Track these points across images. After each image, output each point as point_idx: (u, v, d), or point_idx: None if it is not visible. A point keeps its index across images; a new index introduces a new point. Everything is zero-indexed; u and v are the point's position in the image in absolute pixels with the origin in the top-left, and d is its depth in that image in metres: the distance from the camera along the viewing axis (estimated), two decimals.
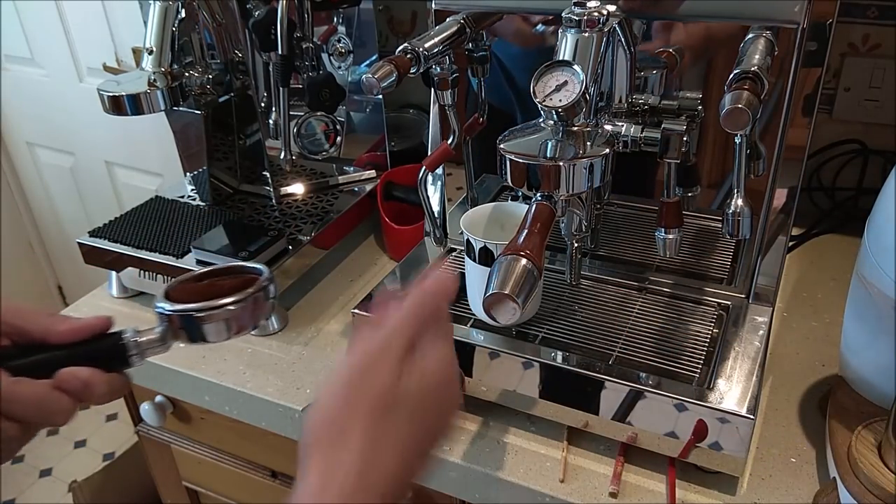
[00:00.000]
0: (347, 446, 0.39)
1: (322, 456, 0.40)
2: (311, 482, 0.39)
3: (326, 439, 0.40)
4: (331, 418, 0.41)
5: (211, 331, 0.48)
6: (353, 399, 0.41)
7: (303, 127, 1.04)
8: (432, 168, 0.79)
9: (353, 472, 0.39)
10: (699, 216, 0.78)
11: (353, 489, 0.38)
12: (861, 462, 0.60)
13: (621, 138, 0.64)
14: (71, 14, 1.63)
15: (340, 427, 0.40)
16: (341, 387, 0.42)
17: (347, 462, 0.39)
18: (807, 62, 0.66)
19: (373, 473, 0.39)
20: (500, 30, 0.78)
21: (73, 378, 0.45)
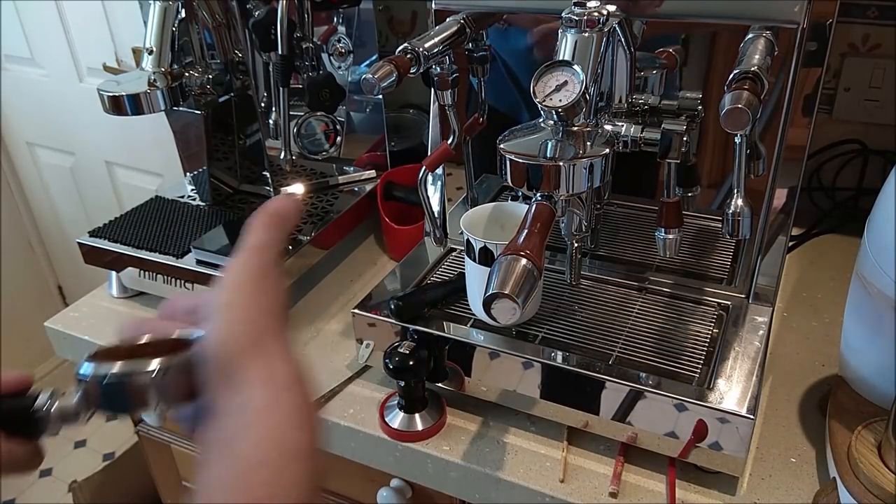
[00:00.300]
0: (274, 345, 0.38)
1: (257, 363, 0.37)
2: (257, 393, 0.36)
3: (252, 346, 0.37)
4: (246, 326, 0.38)
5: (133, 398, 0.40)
6: (258, 304, 0.39)
7: (303, 127, 1.04)
8: (432, 168, 0.79)
9: (285, 364, 0.38)
10: (699, 216, 0.78)
11: (299, 390, 0.37)
12: (861, 462, 0.60)
13: (621, 138, 0.64)
14: (71, 14, 1.63)
15: (258, 331, 0.38)
16: (241, 296, 0.39)
17: (279, 360, 0.37)
18: (807, 62, 0.66)
19: (297, 366, 0.38)
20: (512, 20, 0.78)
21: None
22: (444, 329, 0.75)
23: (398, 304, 0.76)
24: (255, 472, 0.33)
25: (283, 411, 0.36)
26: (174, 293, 0.94)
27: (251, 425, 0.35)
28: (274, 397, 0.36)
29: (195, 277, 0.91)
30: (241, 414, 0.35)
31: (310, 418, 0.36)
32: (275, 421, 0.35)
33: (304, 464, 0.35)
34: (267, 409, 0.35)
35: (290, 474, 0.34)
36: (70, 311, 1.00)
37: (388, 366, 0.72)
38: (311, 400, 0.37)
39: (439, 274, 0.87)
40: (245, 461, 0.34)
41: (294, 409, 0.36)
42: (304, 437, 0.35)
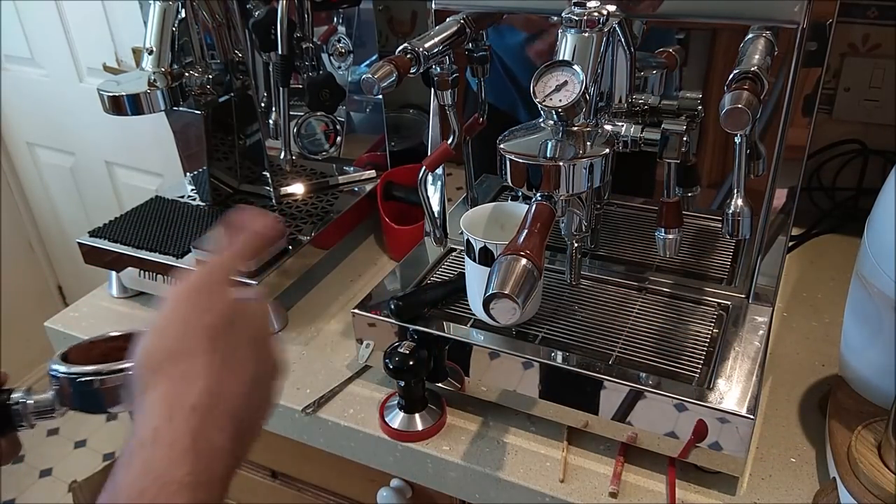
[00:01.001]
0: (192, 368, 0.37)
1: (165, 383, 0.36)
2: (156, 408, 0.35)
3: (168, 365, 0.37)
4: (168, 346, 0.37)
5: (106, 398, 0.42)
6: (191, 324, 0.38)
7: (303, 127, 1.04)
8: (432, 168, 0.79)
9: (202, 392, 0.36)
10: (699, 216, 0.78)
11: (203, 412, 0.36)
12: (861, 462, 0.60)
13: (621, 138, 0.64)
14: (71, 14, 1.63)
15: (182, 352, 0.37)
16: (175, 316, 0.39)
17: (196, 383, 0.36)
18: (807, 62, 0.66)
19: (222, 395, 0.37)
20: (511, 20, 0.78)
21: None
22: (444, 329, 0.75)
23: (398, 304, 0.76)
24: (126, 497, 0.33)
25: (167, 442, 0.34)
26: None
27: (135, 454, 0.34)
28: (161, 426, 0.35)
29: None
30: (134, 438, 0.35)
31: (199, 447, 0.35)
32: (157, 454, 0.34)
33: (187, 495, 0.34)
34: (150, 441, 0.34)
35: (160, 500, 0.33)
36: (70, 311, 1.00)
37: (388, 366, 0.72)
38: (216, 416, 0.36)
39: (439, 274, 0.87)
40: (118, 490, 0.33)
41: (181, 438, 0.35)
42: (187, 470, 0.34)
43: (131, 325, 0.56)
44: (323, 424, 0.78)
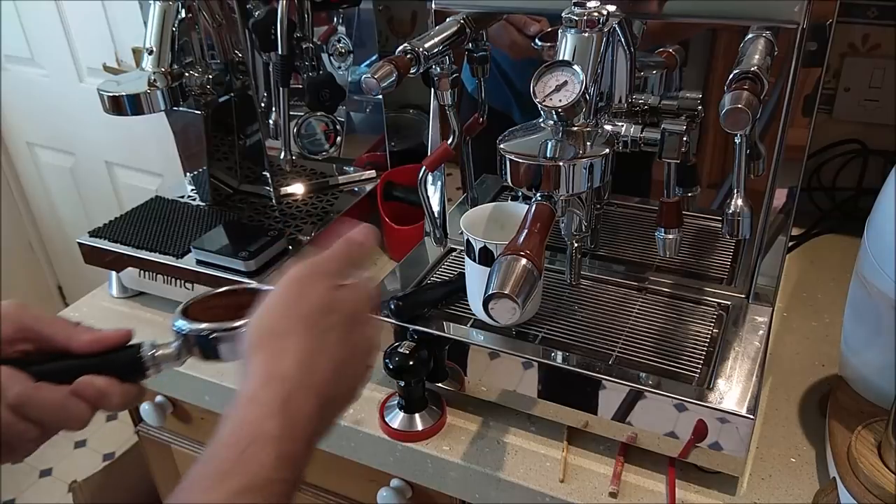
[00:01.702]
0: (288, 346, 0.43)
1: (265, 355, 0.43)
2: (256, 375, 0.42)
3: (268, 341, 0.44)
4: (271, 325, 0.45)
5: (224, 350, 0.50)
6: (292, 309, 0.45)
7: (303, 127, 1.04)
8: (432, 168, 0.79)
9: (293, 366, 0.43)
10: (699, 216, 0.78)
11: (293, 383, 0.42)
12: (861, 462, 0.60)
13: (621, 138, 0.64)
14: (71, 14, 1.63)
15: (281, 331, 0.44)
16: (279, 300, 0.46)
17: (289, 357, 0.43)
18: (807, 62, 0.66)
19: (311, 371, 0.43)
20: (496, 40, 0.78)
21: (90, 386, 0.47)
22: (444, 329, 0.75)
23: (398, 304, 0.76)
24: (224, 451, 0.40)
25: (260, 402, 0.41)
26: (174, 293, 0.94)
27: (234, 411, 0.41)
28: (257, 390, 0.42)
29: (195, 277, 0.91)
30: (236, 399, 0.42)
31: (289, 408, 0.41)
32: (251, 411, 0.41)
33: (274, 446, 0.40)
34: (247, 401, 0.41)
35: (253, 454, 0.39)
36: (70, 311, 1.00)
37: (388, 366, 0.72)
38: (301, 393, 0.42)
39: (439, 274, 0.87)
40: (220, 443, 0.40)
41: (272, 400, 0.41)
42: (277, 424, 0.40)
43: (135, 323, 0.57)
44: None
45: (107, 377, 0.48)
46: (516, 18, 0.76)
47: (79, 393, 0.47)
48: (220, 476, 0.39)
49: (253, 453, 0.39)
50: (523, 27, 0.76)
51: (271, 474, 0.39)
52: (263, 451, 0.40)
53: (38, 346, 0.49)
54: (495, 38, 0.78)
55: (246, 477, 0.39)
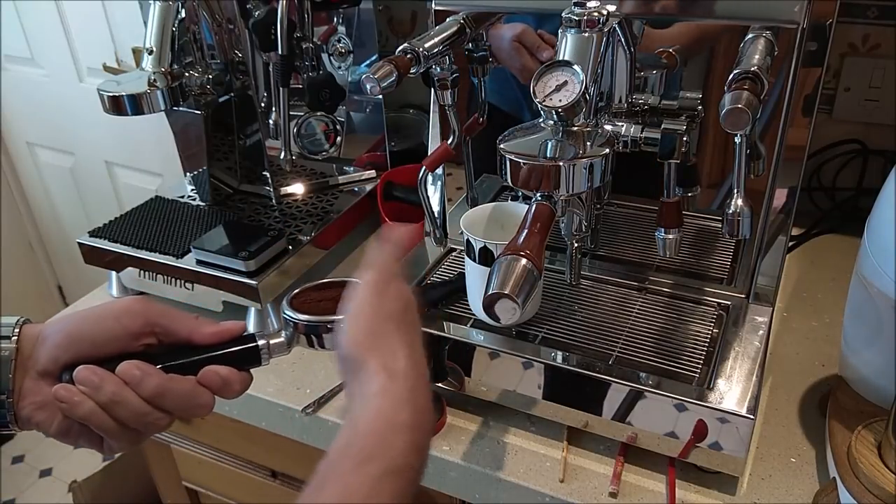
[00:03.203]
0: (394, 343, 0.47)
1: (378, 354, 0.47)
2: (378, 372, 0.46)
3: (374, 342, 0.47)
4: (368, 327, 0.48)
5: (328, 340, 0.54)
6: (378, 310, 0.49)
7: (303, 127, 1.04)
8: (432, 168, 0.79)
9: (407, 361, 0.47)
10: (699, 216, 0.78)
11: (413, 377, 0.46)
12: (861, 462, 0.60)
13: (621, 138, 0.64)
14: (71, 14, 1.63)
15: (379, 332, 0.48)
16: (363, 305, 0.50)
17: (400, 354, 0.47)
18: (807, 62, 0.66)
19: (418, 363, 0.47)
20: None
21: (214, 375, 0.51)
22: (444, 329, 0.75)
23: None
24: (364, 438, 0.43)
25: (392, 395, 0.45)
26: (174, 293, 0.94)
27: (367, 405, 0.45)
28: (387, 384, 0.45)
29: (195, 277, 0.91)
30: (362, 397, 0.45)
31: (415, 400, 0.45)
32: (385, 402, 0.44)
33: (407, 434, 0.43)
34: (380, 393, 0.45)
35: (392, 441, 0.43)
36: (70, 311, 1.00)
37: None
38: (419, 385, 0.46)
39: (439, 274, 0.87)
40: (359, 431, 0.44)
41: (402, 393, 0.45)
42: (409, 414, 0.44)
43: None
44: (323, 424, 0.78)
45: (228, 367, 0.52)
46: (529, 41, 0.76)
47: (204, 382, 0.51)
48: (365, 459, 0.42)
49: (392, 440, 0.43)
50: (536, 51, 0.76)
51: (406, 460, 0.43)
52: (400, 439, 0.43)
53: (161, 339, 0.53)
54: (506, 60, 0.79)
55: (385, 461, 0.42)
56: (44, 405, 0.50)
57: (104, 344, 0.50)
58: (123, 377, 0.49)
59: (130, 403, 0.49)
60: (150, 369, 0.50)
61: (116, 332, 0.51)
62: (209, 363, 0.52)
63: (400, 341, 0.48)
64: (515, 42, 0.77)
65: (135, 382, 0.49)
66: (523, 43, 0.77)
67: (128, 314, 0.51)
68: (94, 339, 0.50)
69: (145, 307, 0.52)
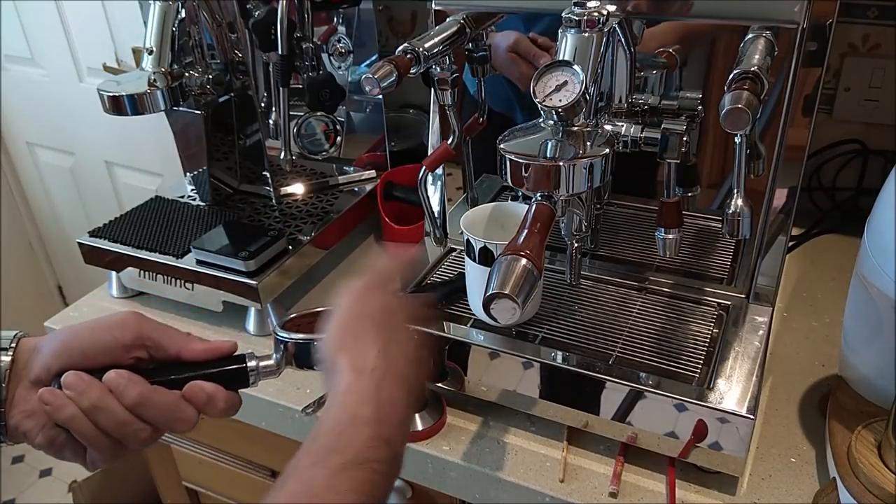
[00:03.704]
0: (367, 343, 0.49)
1: (350, 353, 0.48)
2: (347, 370, 0.47)
3: (349, 342, 0.49)
4: (346, 329, 0.50)
5: (316, 358, 0.54)
6: (361, 313, 0.51)
7: (303, 127, 1.04)
8: (432, 168, 0.79)
9: (377, 358, 0.48)
10: (699, 216, 0.78)
11: (380, 373, 0.47)
12: (861, 462, 0.60)
13: (621, 138, 0.64)
14: (71, 14, 1.63)
15: (357, 332, 0.50)
16: (347, 309, 0.52)
17: (371, 352, 0.48)
18: (807, 62, 0.66)
19: (391, 360, 0.48)
20: None
21: (200, 391, 0.52)
22: (444, 329, 0.75)
23: None
24: (324, 434, 0.45)
25: (356, 391, 0.46)
26: (174, 293, 0.94)
27: (334, 402, 0.47)
28: (352, 382, 0.47)
29: (195, 277, 0.91)
30: (331, 394, 0.47)
31: (380, 395, 0.46)
32: (349, 398, 0.46)
33: (370, 428, 0.44)
34: (346, 389, 0.47)
35: (351, 434, 0.44)
36: (70, 310, 1.00)
37: None
38: (387, 381, 0.47)
39: (439, 274, 0.87)
40: (321, 429, 0.45)
41: (367, 389, 0.46)
42: (371, 409, 0.45)
43: None
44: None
45: (214, 384, 0.52)
46: (524, 50, 0.76)
47: (189, 397, 0.52)
48: (324, 453, 0.43)
49: (351, 434, 0.44)
50: (533, 59, 0.76)
51: (368, 454, 0.44)
52: (361, 433, 0.44)
53: (152, 353, 0.53)
54: (503, 69, 0.79)
55: (346, 455, 0.43)
56: (32, 413, 0.50)
57: (95, 355, 0.51)
58: (108, 385, 0.50)
59: (112, 411, 0.49)
60: (135, 378, 0.50)
61: (108, 344, 0.52)
62: (195, 378, 0.52)
63: (373, 342, 0.49)
64: (511, 53, 0.77)
65: (118, 391, 0.49)
66: (518, 52, 0.77)
67: (120, 327, 0.52)
68: (85, 350, 0.51)
69: (138, 321, 0.53)
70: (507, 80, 0.82)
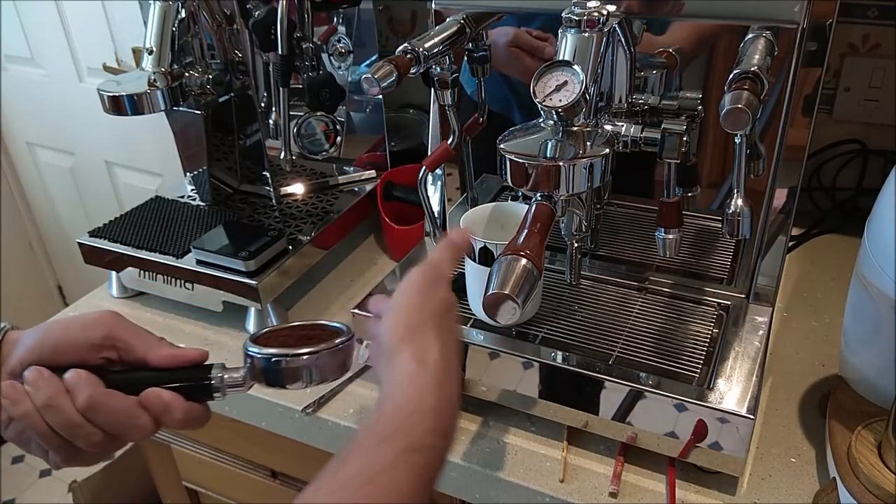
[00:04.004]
0: (429, 339, 0.50)
1: (413, 346, 0.49)
2: (410, 361, 0.48)
3: (411, 336, 0.50)
4: (408, 323, 0.51)
5: (288, 376, 0.52)
6: (423, 308, 0.52)
7: (303, 127, 1.04)
8: (432, 168, 0.79)
9: (438, 355, 0.49)
10: (699, 216, 0.78)
11: (441, 369, 0.49)
12: (861, 462, 0.60)
13: (621, 138, 0.64)
14: (71, 14, 1.63)
15: (418, 328, 0.50)
16: (409, 301, 0.52)
17: (433, 348, 0.49)
18: (807, 62, 0.66)
19: (449, 360, 0.50)
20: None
21: (156, 398, 0.50)
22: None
23: None
24: (388, 418, 0.46)
25: (422, 381, 0.48)
26: (174, 293, 0.94)
27: (398, 389, 0.47)
28: (418, 371, 0.48)
29: (195, 277, 0.91)
30: (393, 382, 0.48)
31: (441, 389, 0.48)
32: (413, 388, 0.47)
33: (430, 418, 0.46)
34: (408, 380, 0.48)
35: (414, 422, 0.45)
36: (70, 310, 1.00)
37: None
38: (448, 378, 0.49)
39: None
40: (384, 413, 0.46)
41: (429, 381, 0.48)
42: (434, 399, 0.47)
43: None
44: (323, 424, 0.78)
45: (173, 392, 0.50)
46: (526, 44, 0.76)
47: (145, 404, 0.50)
48: (387, 437, 0.44)
49: (415, 421, 0.45)
50: (535, 51, 0.76)
51: (428, 441, 0.45)
52: (424, 420, 0.45)
53: (121, 355, 0.52)
54: (506, 66, 0.79)
55: (408, 439, 0.44)
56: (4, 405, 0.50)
57: (65, 351, 0.50)
58: (66, 384, 0.49)
59: (63, 411, 0.48)
60: (92, 380, 0.49)
61: (78, 341, 0.51)
62: (154, 384, 0.50)
63: (435, 338, 0.50)
64: (512, 48, 0.77)
65: (73, 391, 0.48)
66: (520, 46, 0.77)
67: (94, 325, 0.51)
68: (56, 345, 0.50)
69: (112, 321, 0.52)
70: (504, 80, 0.82)
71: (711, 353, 0.71)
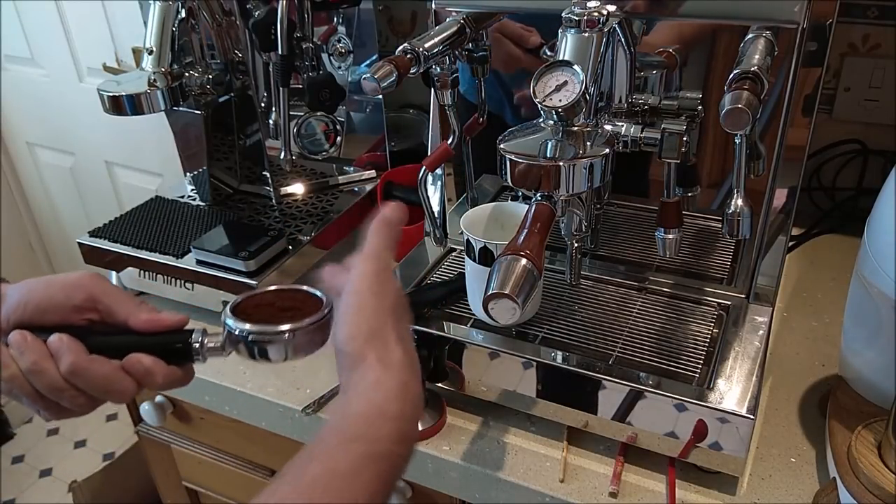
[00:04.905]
0: (389, 338, 0.49)
1: (377, 349, 0.48)
2: (375, 365, 0.48)
3: (371, 340, 0.49)
4: (370, 323, 0.50)
5: (270, 351, 0.52)
6: (380, 304, 0.50)
7: (303, 127, 1.04)
8: (432, 168, 0.79)
9: (401, 355, 0.48)
10: (699, 216, 0.78)
11: (405, 370, 0.48)
12: (861, 462, 0.60)
13: (621, 138, 0.64)
14: (71, 14, 1.63)
15: (380, 327, 0.49)
16: (367, 298, 0.50)
17: (395, 349, 0.48)
18: (807, 62, 0.66)
19: (412, 356, 0.50)
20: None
21: (137, 363, 0.51)
22: (444, 329, 0.75)
23: None
24: (353, 421, 0.45)
25: (385, 387, 0.47)
26: (174, 293, 0.94)
27: (361, 395, 0.47)
28: (381, 376, 0.47)
29: (195, 277, 0.91)
30: (358, 387, 0.47)
31: (408, 388, 0.47)
32: (378, 394, 0.47)
33: (395, 424, 0.46)
34: (375, 384, 0.47)
35: (379, 426, 0.45)
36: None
37: None
38: (411, 378, 0.48)
39: (439, 274, 0.87)
40: (348, 414, 0.46)
41: (394, 385, 0.47)
42: (397, 406, 0.46)
43: None
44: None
45: (154, 358, 0.51)
46: (512, 32, 0.76)
47: (127, 369, 0.51)
48: (349, 439, 0.44)
49: (378, 427, 0.45)
50: (519, 40, 0.76)
51: (391, 447, 0.45)
52: (387, 426, 0.45)
53: (103, 317, 0.52)
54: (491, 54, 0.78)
55: (371, 444, 0.44)
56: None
57: (47, 310, 0.51)
58: (50, 348, 0.49)
59: (47, 376, 0.49)
60: (74, 346, 0.49)
61: (60, 302, 0.51)
62: (136, 349, 0.51)
63: (396, 338, 0.49)
64: (495, 33, 0.77)
65: (57, 356, 0.49)
66: (503, 33, 0.77)
67: (75, 286, 0.52)
68: (39, 304, 0.51)
69: (93, 283, 0.52)
70: (497, 80, 0.82)
71: (711, 353, 0.71)
